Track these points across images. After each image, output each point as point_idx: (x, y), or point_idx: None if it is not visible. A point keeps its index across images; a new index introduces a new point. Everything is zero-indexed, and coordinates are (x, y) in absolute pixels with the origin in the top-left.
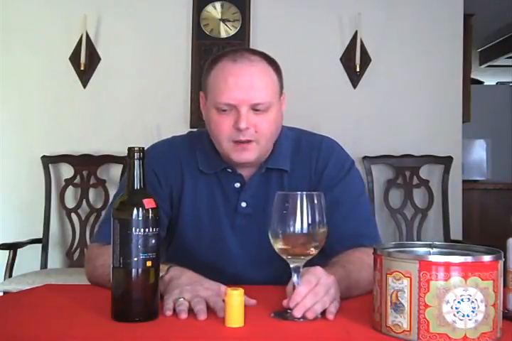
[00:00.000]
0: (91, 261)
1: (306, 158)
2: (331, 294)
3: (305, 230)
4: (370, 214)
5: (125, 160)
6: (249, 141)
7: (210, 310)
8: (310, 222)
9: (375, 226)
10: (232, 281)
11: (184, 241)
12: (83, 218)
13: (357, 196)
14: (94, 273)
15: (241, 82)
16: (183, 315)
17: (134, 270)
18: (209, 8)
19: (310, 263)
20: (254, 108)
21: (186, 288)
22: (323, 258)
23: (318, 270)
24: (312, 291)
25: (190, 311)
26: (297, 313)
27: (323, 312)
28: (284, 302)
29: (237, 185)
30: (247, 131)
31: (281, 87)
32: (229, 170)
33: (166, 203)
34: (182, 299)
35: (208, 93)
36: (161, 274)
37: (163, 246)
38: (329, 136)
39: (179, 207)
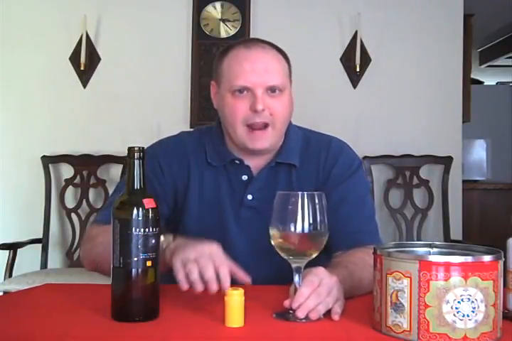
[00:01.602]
0: (90, 240)
1: (314, 156)
2: (334, 294)
3: (306, 230)
4: (373, 214)
5: (125, 160)
6: (265, 125)
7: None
8: (311, 221)
9: (376, 226)
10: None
11: (189, 232)
12: (83, 218)
13: (362, 195)
14: (94, 250)
15: (256, 66)
16: (199, 287)
17: (134, 270)
18: (209, 8)
19: (311, 260)
20: (269, 90)
21: (190, 248)
22: (325, 256)
23: (320, 270)
24: (315, 292)
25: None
26: (300, 314)
27: (327, 313)
28: (286, 303)
29: (245, 177)
30: (262, 113)
31: (290, 75)
32: (237, 161)
33: (167, 193)
34: (190, 264)
35: (221, 79)
36: (166, 243)
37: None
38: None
39: (185, 199)
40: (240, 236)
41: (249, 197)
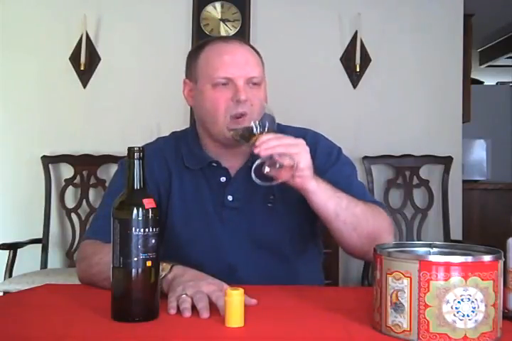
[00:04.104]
0: (85, 259)
1: None
2: (298, 148)
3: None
4: (364, 189)
5: (124, 161)
6: (244, 114)
7: (213, 308)
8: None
9: (372, 197)
10: (225, 275)
11: (175, 238)
12: (83, 218)
13: (349, 176)
14: (90, 270)
15: (236, 58)
16: (187, 314)
17: (134, 270)
18: (209, 8)
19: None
20: (249, 82)
21: (189, 284)
22: (316, 249)
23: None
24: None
25: (194, 309)
26: (258, 143)
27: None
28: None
29: (223, 179)
30: (245, 103)
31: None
32: (214, 164)
33: None
34: (184, 295)
35: (198, 75)
36: (164, 273)
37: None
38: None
39: (168, 205)
40: (226, 237)
41: (230, 198)
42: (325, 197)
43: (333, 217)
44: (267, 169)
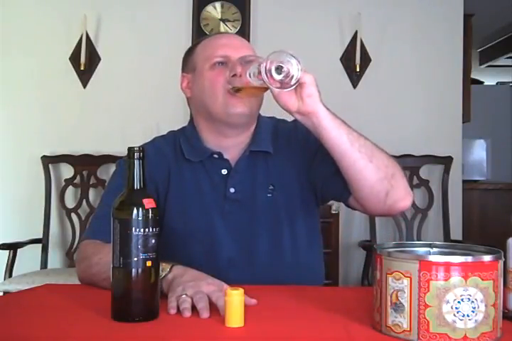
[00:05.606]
0: (85, 260)
1: (285, 141)
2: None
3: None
4: None
5: (123, 160)
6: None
7: (213, 308)
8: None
9: None
10: (224, 269)
11: (173, 233)
12: (83, 218)
13: None
14: (90, 271)
15: (232, 42)
16: (187, 314)
17: (134, 270)
18: (209, 8)
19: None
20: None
21: (189, 284)
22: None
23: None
24: None
25: (194, 309)
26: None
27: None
28: None
29: (224, 171)
30: (241, 77)
31: None
32: (216, 155)
33: None
34: (184, 296)
35: (196, 62)
36: (164, 273)
37: None
38: None
39: (166, 200)
40: (226, 231)
41: (232, 190)
42: (337, 124)
43: (349, 145)
44: (275, 76)
